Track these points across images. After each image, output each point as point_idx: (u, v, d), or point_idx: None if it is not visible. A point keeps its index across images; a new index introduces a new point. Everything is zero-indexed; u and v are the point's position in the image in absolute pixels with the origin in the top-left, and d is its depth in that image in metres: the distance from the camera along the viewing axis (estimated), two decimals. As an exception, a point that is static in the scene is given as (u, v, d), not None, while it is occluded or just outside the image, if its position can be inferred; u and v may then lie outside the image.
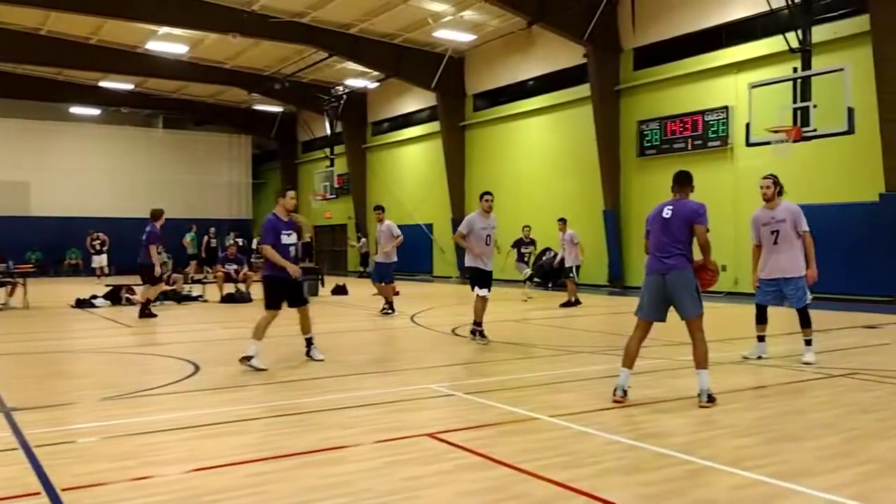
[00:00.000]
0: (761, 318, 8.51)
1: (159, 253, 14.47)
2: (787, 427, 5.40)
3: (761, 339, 8.50)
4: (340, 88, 31.61)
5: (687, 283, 6.11)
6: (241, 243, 27.29)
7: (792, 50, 15.44)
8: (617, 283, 21.63)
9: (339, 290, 19.82)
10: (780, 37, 15.71)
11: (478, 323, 10.25)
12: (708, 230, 6.29)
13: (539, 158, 24.57)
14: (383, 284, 14.58)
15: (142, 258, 14.14)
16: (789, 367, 8.02)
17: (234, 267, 18.52)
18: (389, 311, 14.24)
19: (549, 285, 22.40)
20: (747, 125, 15.38)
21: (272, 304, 8.52)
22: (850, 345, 9.72)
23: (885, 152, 15.21)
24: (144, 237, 14.16)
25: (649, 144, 20.67)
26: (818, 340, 9.98)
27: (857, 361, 8.32)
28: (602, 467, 4.45)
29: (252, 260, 22.09)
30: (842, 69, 13.80)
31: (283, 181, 39.62)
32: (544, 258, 23.06)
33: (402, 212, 30.12)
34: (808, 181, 16.86)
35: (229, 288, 18.01)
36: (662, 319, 6.41)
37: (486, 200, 10.46)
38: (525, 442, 5.05)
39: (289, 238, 8.63)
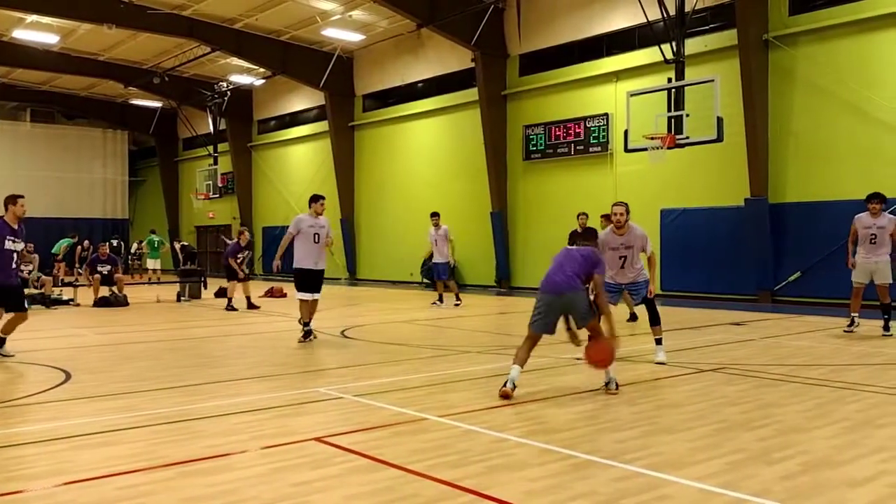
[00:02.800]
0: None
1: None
2: (662, 420, 5.68)
3: None
4: (224, 84, 30.68)
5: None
6: (115, 244, 26.08)
7: (667, 61, 16.24)
8: (504, 283, 22.07)
9: (223, 293, 19.24)
10: (657, 48, 16.50)
11: (306, 323, 10.62)
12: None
13: (428, 160, 24.74)
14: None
15: None
16: (661, 363, 8.41)
17: (108, 268, 17.66)
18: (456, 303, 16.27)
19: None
20: (626, 132, 16.05)
21: None
22: (718, 341, 10.31)
23: (750, 160, 16.25)
24: None
25: (535, 149, 21.22)
26: (688, 337, 10.56)
27: (724, 357, 8.84)
28: (489, 465, 4.53)
29: (129, 261, 21.15)
30: (712, 80, 14.63)
31: (162, 179, 38.18)
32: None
33: (290, 212, 29.58)
34: (681, 186, 17.80)
35: (104, 291, 17.16)
36: None
37: (321, 205, 10.90)
38: (414, 443, 5.07)
39: (14, 245, 8.83)
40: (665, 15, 16.27)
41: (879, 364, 8.34)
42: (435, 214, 16.62)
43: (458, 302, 16.49)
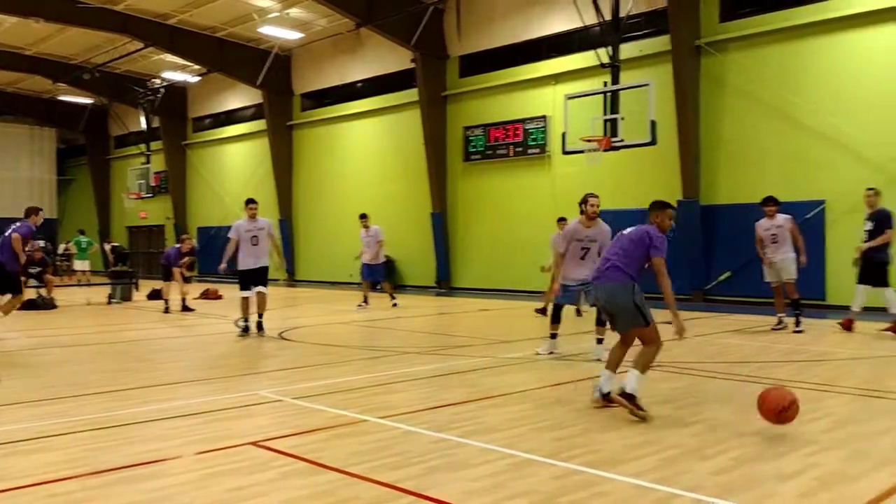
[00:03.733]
0: (556, 318, 8.94)
1: None
2: (599, 418, 5.77)
3: (553, 336, 8.95)
4: (158, 81, 29.95)
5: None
6: (43, 244, 25.17)
7: (603, 65, 16.56)
8: (444, 284, 22.13)
9: (156, 295, 18.76)
10: (594, 52, 16.79)
11: (245, 320, 11.16)
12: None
13: (368, 160, 24.62)
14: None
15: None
16: (600, 361, 8.54)
17: (38, 269, 17.03)
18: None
19: (378, 287, 22.52)
20: (563, 134, 16.29)
21: None
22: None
23: (682, 163, 16.68)
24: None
25: (474, 150, 21.34)
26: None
27: (658, 355, 9.01)
28: (429, 465, 4.53)
29: (57, 263, 20.42)
30: (646, 85, 14.96)
31: (93, 178, 37.02)
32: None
33: (226, 212, 29.10)
34: (617, 188, 18.13)
35: (31, 293, 16.52)
36: None
37: (251, 209, 11.56)
38: (353, 445, 5.04)
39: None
40: (601, 20, 16.57)
41: (805, 361, 8.66)
42: (363, 216, 16.43)
43: (395, 302, 16.38)
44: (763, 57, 16.01)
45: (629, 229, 6.26)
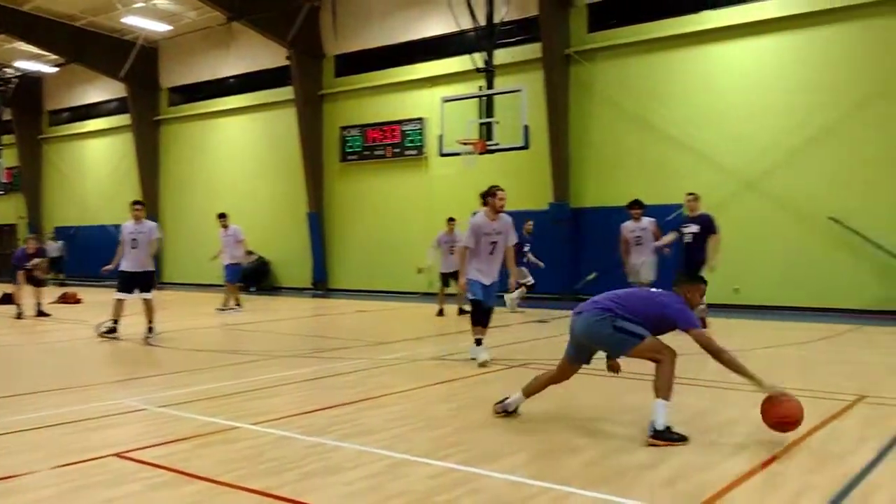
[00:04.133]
0: (479, 320, 8.45)
1: None
2: (475, 416, 5.86)
3: (478, 342, 8.48)
4: (10, 71, 27.91)
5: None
6: None
7: (478, 69, 16.86)
8: (321, 285, 21.84)
9: (6, 300, 17.45)
10: (469, 56, 17.07)
11: (114, 321, 11.06)
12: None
13: (241, 159, 23.95)
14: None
15: None
16: (475, 360, 8.71)
17: None
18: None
19: (252, 289, 21.98)
20: (440, 136, 16.45)
21: None
22: (525, 338, 10.83)
23: (553, 167, 17.24)
24: None
25: (351, 150, 21.20)
26: (497, 335, 11.00)
27: (531, 353, 9.30)
28: (304, 471, 4.45)
29: None
30: (519, 90, 15.35)
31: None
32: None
33: (87, 211, 27.53)
34: (492, 190, 18.48)
35: None
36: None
37: (136, 210, 11.56)
38: (224, 453, 4.87)
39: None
40: (476, 25, 16.87)
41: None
42: (222, 216, 15.90)
43: (238, 308, 15.54)
44: (628, 67, 16.81)
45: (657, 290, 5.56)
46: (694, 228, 11.09)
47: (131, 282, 11.20)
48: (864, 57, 14.14)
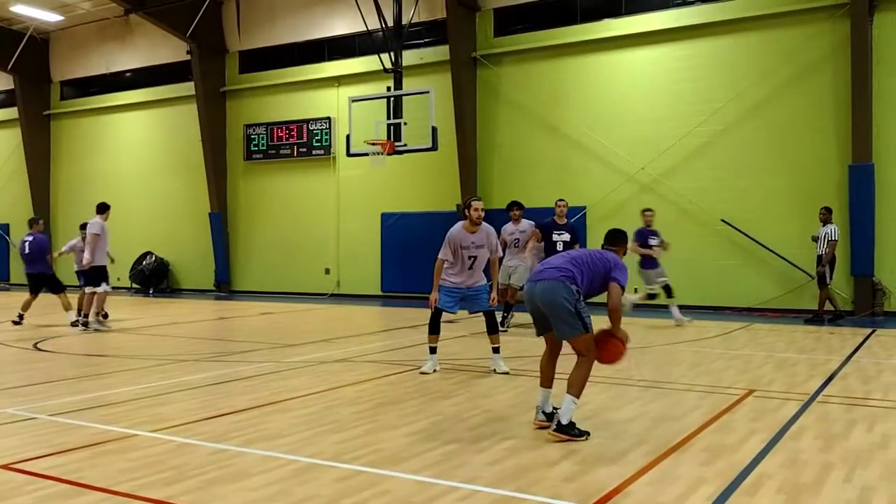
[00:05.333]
0: (435, 328, 8.08)
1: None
2: (383, 418, 5.85)
3: (433, 350, 8.14)
4: None
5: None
6: None
7: (386, 70, 16.84)
8: (224, 287, 21.29)
9: None
10: (377, 56, 17.02)
11: (87, 315, 11.71)
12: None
13: (139, 156, 23.06)
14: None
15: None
16: (383, 361, 8.69)
17: None
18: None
19: (151, 291, 21.24)
20: (348, 136, 16.35)
21: None
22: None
23: (461, 168, 17.40)
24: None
25: (256, 149, 20.76)
26: (405, 336, 11.01)
27: (440, 353, 9.33)
28: (207, 478, 4.32)
29: None
30: (427, 92, 15.43)
31: None
32: (144, 262, 21.87)
33: (-32, 210, 25.92)
34: (400, 191, 18.56)
35: None
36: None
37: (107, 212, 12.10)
38: (122, 462, 4.68)
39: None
40: (384, 26, 16.84)
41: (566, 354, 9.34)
42: (84, 225, 14.23)
43: (77, 319, 12.73)
44: (532, 71, 17.14)
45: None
46: (566, 237, 11.22)
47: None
48: (752, 66, 14.89)
